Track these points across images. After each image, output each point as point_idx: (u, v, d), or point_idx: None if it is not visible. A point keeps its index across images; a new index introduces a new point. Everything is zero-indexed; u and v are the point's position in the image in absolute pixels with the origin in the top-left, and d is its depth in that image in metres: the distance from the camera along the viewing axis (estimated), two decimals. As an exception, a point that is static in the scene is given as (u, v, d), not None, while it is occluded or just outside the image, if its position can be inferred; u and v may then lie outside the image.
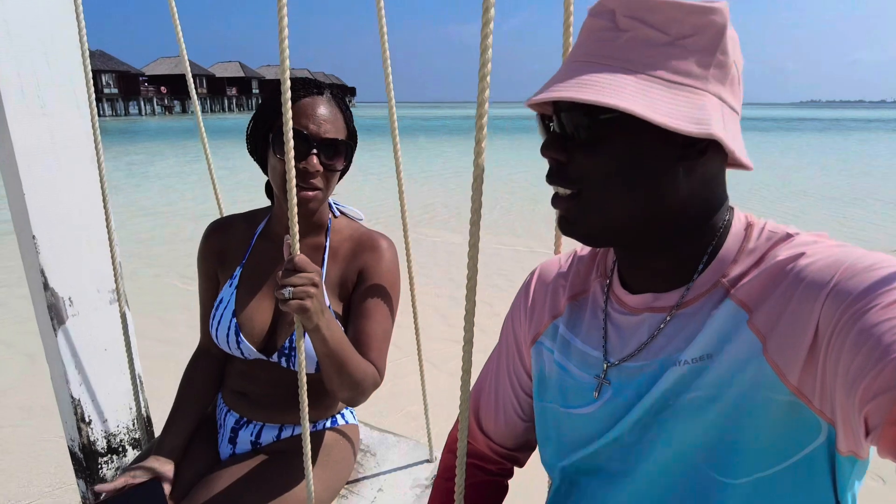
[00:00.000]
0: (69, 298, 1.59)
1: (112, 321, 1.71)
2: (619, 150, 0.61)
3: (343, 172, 1.24)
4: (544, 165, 0.69)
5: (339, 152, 1.15)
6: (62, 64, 1.52)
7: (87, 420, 1.69)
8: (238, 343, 1.20)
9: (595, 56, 0.61)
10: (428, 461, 1.56)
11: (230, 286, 1.24)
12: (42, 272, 1.52)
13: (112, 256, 1.62)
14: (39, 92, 1.48)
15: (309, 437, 1.08)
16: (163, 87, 72.62)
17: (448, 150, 22.23)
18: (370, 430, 1.69)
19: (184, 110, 75.28)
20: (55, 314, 1.57)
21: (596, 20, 0.62)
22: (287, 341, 1.19)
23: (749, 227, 0.68)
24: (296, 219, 0.98)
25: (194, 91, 1.76)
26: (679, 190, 0.63)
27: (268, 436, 1.30)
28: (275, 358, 1.20)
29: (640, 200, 0.63)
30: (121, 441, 1.80)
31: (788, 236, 0.64)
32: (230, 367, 1.33)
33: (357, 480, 1.47)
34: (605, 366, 0.72)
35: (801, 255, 0.60)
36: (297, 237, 0.99)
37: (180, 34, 1.66)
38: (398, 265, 1.27)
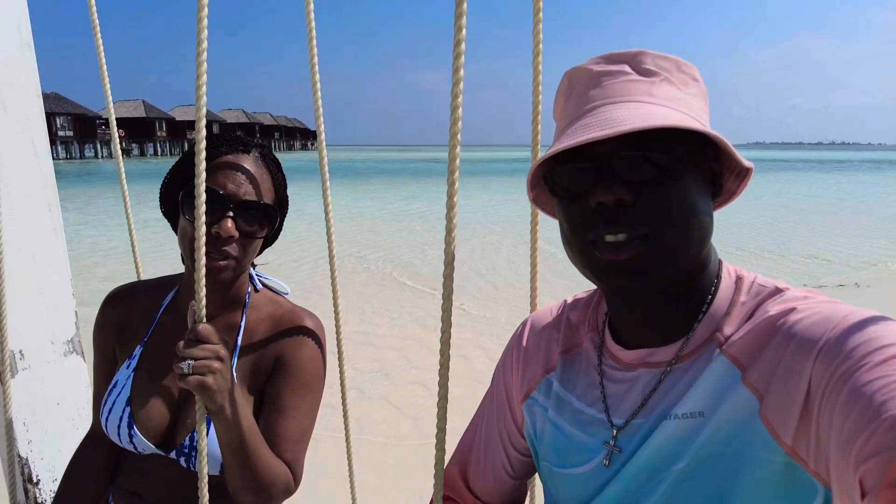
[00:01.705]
0: (20, 351, 1.52)
1: (66, 374, 1.64)
2: (685, 188, 0.62)
3: (269, 241, 1.13)
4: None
5: (261, 217, 1.02)
6: (18, 110, 1.49)
7: (34, 480, 1.60)
8: (131, 436, 1.03)
9: (627, 97, 0.64)
10: None
11: (127, 368, 1.08)
12: (-8, 324, 1.46)
13: (67, 307, 1.57)
14: (-4, 138, 1.45)
15: None
16: (121, 131, 71.49)
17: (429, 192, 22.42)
18: None
19: (142, 153, 73.99)
20: (5, 369, 1.50)
21: (615, 66, 0.67)
22: (188, 438, 1.03)
23: (739, 280, 0.68)
24: (203, 281, 0.89)
25: (116, 136, 1.71)
26: (711, 231, 0.66)
27: None
28: (173, 455, 1.04)
29: (702, 241, 0.64)
30: (71, 502, 1.70)
31: (778, 291, 0.65)
32: (123, 461, 1.14)
33: None
34: (614, 431, 0.70)
35: (792, 310, 0.61)
36: (204, 302, 0.90)
37: (106, 78, 1.62)
38: (324, 352, 1.12)
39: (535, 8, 0.87)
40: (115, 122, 1.68)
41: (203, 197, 0.87)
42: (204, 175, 0.88)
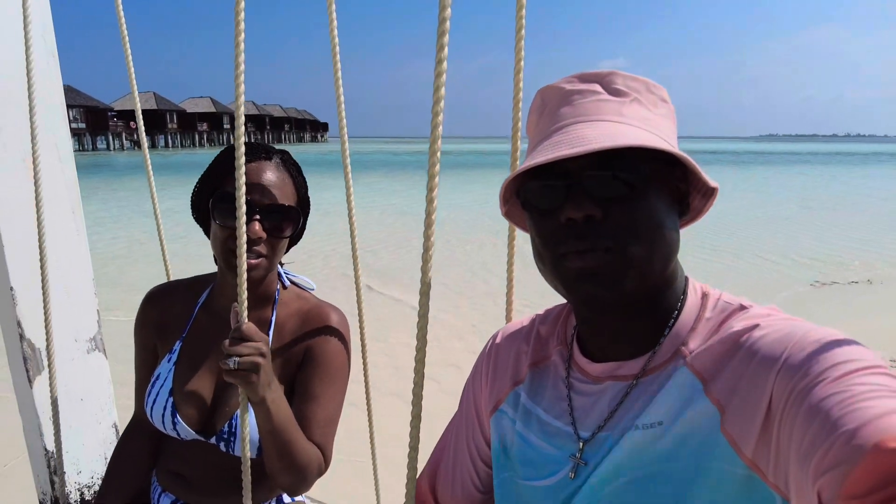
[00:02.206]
0: (45, 349, 1.58)
1: (89, 371, 1.69)
2: (652, 205, 0.64)
3: (294, 240, 1.20)
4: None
5: (284, 220, 1.09)
6: (44, 117, 1.54)
7: (59, 472, 1.66)
8: (174, 424, 1.12)
9: (597, 115, 0.66)
10: None
11: (168, 361, 1.17)
12: (19, 323, 1.51)
13: (90, 306, 1.62)
14: (22, 144, 1.49)
15: None
16: (132, 122, 71.91)
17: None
18: (312, 502, 1.64)
19: (153, 145, 74.40)
20: (31, 366, 1.56)
21: (586, 85, 0.68)
22: (226, 425, 1.12)
23: (705, 296, 0.70)
24: (245, 285, 0.94)
25: (143, 130, 1.75)
26: (677, 248, 0.68)
27: None
28: (213, 440, 1.13)
29: (667, 257, 0.66)
30: (94, 493, 1.76)
31: (742, 308, 0.66)
32: (166, 444, 1.24)
33: None
34: (580, 444, 0.71)
35: (755, 326, 0.62)
36: (246, 304, 0.96)
37: (132, 68, 1.67)
38: (348, 345, 1.20)
39: (518, 4, 0.87)
40: (141, 123, 1.70)
41: (244, 209, 0.93)
42: (244, 189, 0.93)
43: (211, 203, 1.08)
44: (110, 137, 69.15)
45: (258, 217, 1.05)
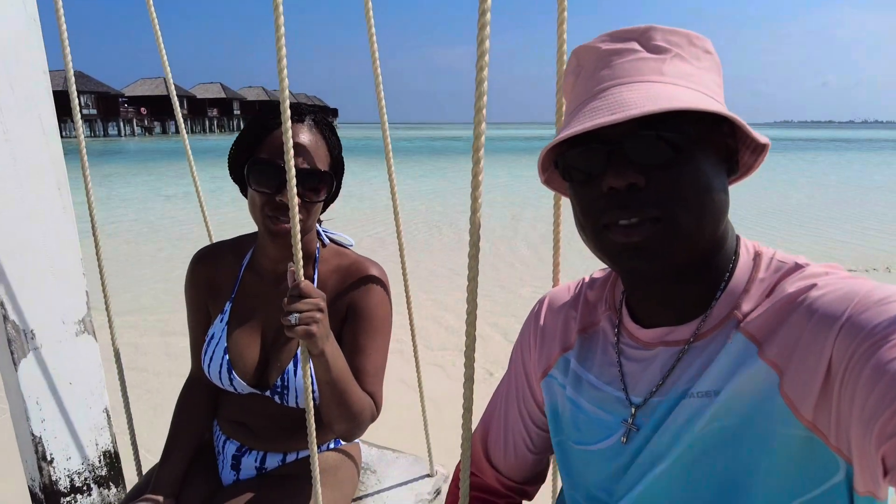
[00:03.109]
0: (31, 331, 1.52)
1: (78, 353, 1.64)
2: (699, 168, 0.61)
3: (329, 202, 1.22)
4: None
5: (319, 183, 1.11)
6: (25, 87, 1.47)
7: (48, 458, 1.61)
8: (231, 380, 1.19)
9: (637, 76, 0.62)
10: (429, 475, 1.57)
11: (221, 321, 1.23)
12: (2, 304, 1.46)
13: (80, 285, 1.56)
14: (1, 117, 1.42)
15: (318, 464, 1.07)
16: (143, 109, 72.18)
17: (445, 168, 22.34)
18: (368, 447, 1.69)
19: (164, 131, 74.77)
20: (16, 348, 1.50)
21: (623, 44, 0.64)
22: (279, 380, 1.18)
23: (758, 256, 0.67)
24: (299, 245, 0.97)
25: (179, 115, 1.73)
26: (727, 209, 0.65)
27: (272, 461, 1.29)
28: (268, 394, 1.20)
29: (717, 220, 0.63)
30: (85, 479, 1.71)
31: (798, 267, 0.64)
32: (225, 397, 1.31)
33: (359, 498, 1.47)
34: (633, 410, 0.70)
35: (813, 286, 0.60)
36: (301, 263, 0.99)
37: (164, 56, 1.62)
38: (389, 295, 1.24)
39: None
40: (178, 107, 1.75)
41: (294, 181, 0.94)
42: (293, 161, 0.93)
43: (246, 170, 1.10)
44: (121, 124, 69.46)
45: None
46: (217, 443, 1.33)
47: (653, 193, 0.60)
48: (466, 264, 0.77)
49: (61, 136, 1.58)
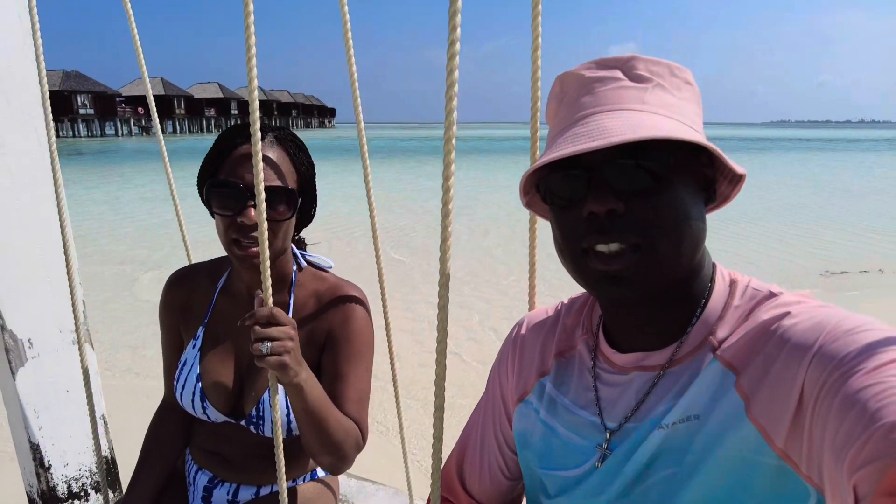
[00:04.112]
0: (28, 340, 1.54)
1: (75, 361, 1.66)
2: (678, 196, 0.62)
3: (302, 222, 1.17)
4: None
5: (282, 201, 1.04)
6: (22, 99, 1.49)
7: (46, 465, 1.63)
8: (204, 408, 1.14)
9: (618, 104, 0.63)
10: None
11: (193, 348, 1.18)
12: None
13: (74, 295, 1.58)
14: (-2, 129, 1.44)
15: (288, 499, 1.02)
16: (140, 108, 71.97)
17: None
18: (347, 477, 1.64)
19: (162, 131, 74.31)
20: (14, 357, 1.52)
21: (606, 72, 0.66)
22: (254, 409, 1.13)
23: (733, 283, 0.68)
24: (268, 272, 0.93)
25: (156, 116, 1.71)
26: (704, 237, 0.66)
27: (245, 494, 1.23)
28: (243, 423, 1.15)
29: (694, 248, 0.64)
30: (83, 485, 1.73)
31: (772, 295, 0.65)
32: (198, 424, 1.25)
33: None
34: (608, 434, 0.70)
35: (786, 314, 0.61)
36: (270, 290, 0.94)
37: (140, 50, 1.60)
38: (370, 321, 1.19)
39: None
40: (154, 109, 1.65)
41: (262, 195, 0.89)
42: (262, 175, 0.89)
43: (206, 191, 1.05)
44: (119, 123, 69.26)
45: (252, 203, 1.00)
46: (189, 472, 1.28)
47: (632, 220, 0.61)
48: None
49: (58, 136, 1.59)
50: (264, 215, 0.89)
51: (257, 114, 0.88)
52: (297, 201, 1.08)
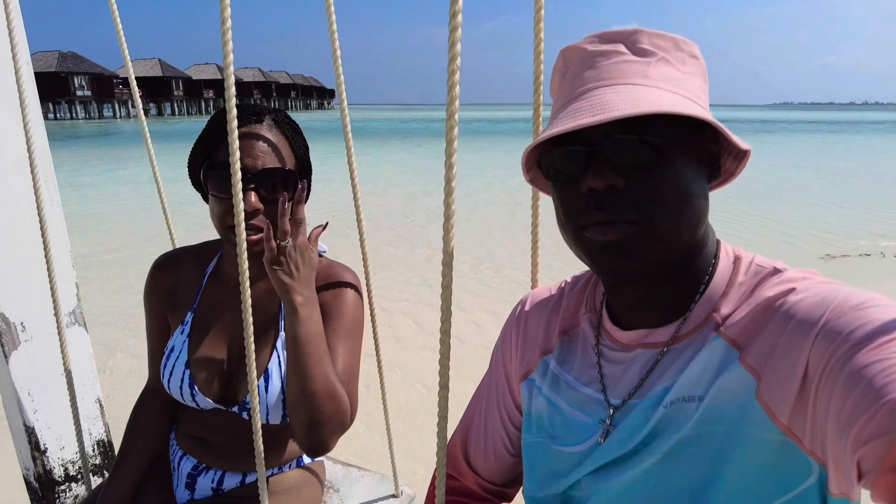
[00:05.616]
0: (21, 323, 1.53)
1: (70, 344, 1.64)
2: (679, 172, 0.61)
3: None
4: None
5: (281, 183, 1.04)
6: (6, 79, 1.45)
7: (42, 448, 1.63)
8: (193, 395, 1.12)
9: (621, 78, 0.62)
10: (394, 496, 1.50)
11: (181, 333, 1.16)
12: (-9, 297, 1.46)
13: (58, 279, 1.56)
14: (-13, 110, 1.41)
15: (269, 486, 0.99)
16: (140, 90, 71.50)
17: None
18: (333, 463, 1.63)
19: (159, 113, 74.04)
20: (7, 340, 1.51)
21: (609, 46, 0.64)
22: (248, 396, 1.10)
23: (737, 260, 0.68)
24: (245, 255, 0.93)
25: (139, 98, 1.68)
26: (706, 214, 0.65)
27: (231, 481, 1.22)
28: (235, 409, 1.13)
29: (695, 226, 0.63)
30: (79, 468, 1.73)
31: (776, 271, 0.64)
32: (184, 410, 1.23)
33: None
34: (611, 411, 0.70)
35: (791, 290, 0.60)
36: (247, 274, 0.94)
37: (121, 34, 1.57)
38: (361, 301, 1.20)
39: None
40: (136, 91, 1.61)
41: (238, 175, 0.89)
42: (238, 155, 0.89)
43: (202, 173, 1.04)
44: (116, 105, 68.77)
45: (252, 186, 1.00)
46: (173, 458, 1.26)
47: (631, 196, 0.61)
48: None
49: (55, 119, 1.56)
50: (240, 196, 0.90)
51: (233, 90, 0.89)
52: (298, 183, 1.08)
